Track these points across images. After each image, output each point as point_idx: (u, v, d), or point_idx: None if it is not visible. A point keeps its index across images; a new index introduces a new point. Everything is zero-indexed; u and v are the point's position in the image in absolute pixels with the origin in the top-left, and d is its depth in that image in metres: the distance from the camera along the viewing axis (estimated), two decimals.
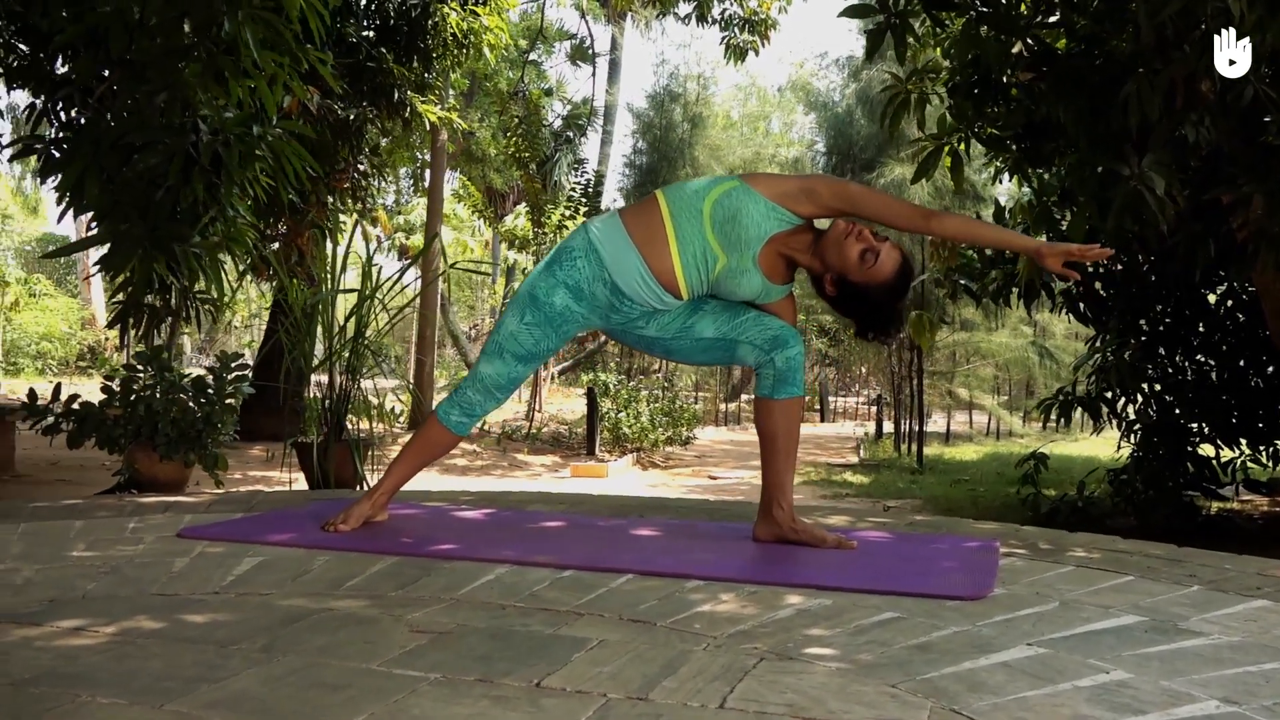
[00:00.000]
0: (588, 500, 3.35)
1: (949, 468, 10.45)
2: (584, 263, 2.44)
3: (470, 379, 2.59)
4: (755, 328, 2.47)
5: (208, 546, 2.35)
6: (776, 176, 2.51)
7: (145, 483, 4.06)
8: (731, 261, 2.40)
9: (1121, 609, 1.85)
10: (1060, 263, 2.35)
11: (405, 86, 7.60)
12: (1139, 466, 6.37)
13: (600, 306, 2.47)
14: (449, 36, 7.76)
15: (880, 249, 2.36)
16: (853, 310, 2.48)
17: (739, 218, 2.37)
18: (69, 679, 1.39)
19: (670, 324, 2.52)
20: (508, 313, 2.55)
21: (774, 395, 2.46)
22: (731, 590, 1.97)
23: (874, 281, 2.37)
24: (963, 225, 2.75)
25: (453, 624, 1.70)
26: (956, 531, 2.78)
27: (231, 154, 3.84)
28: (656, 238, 2.39)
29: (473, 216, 18.74)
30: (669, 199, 2.44)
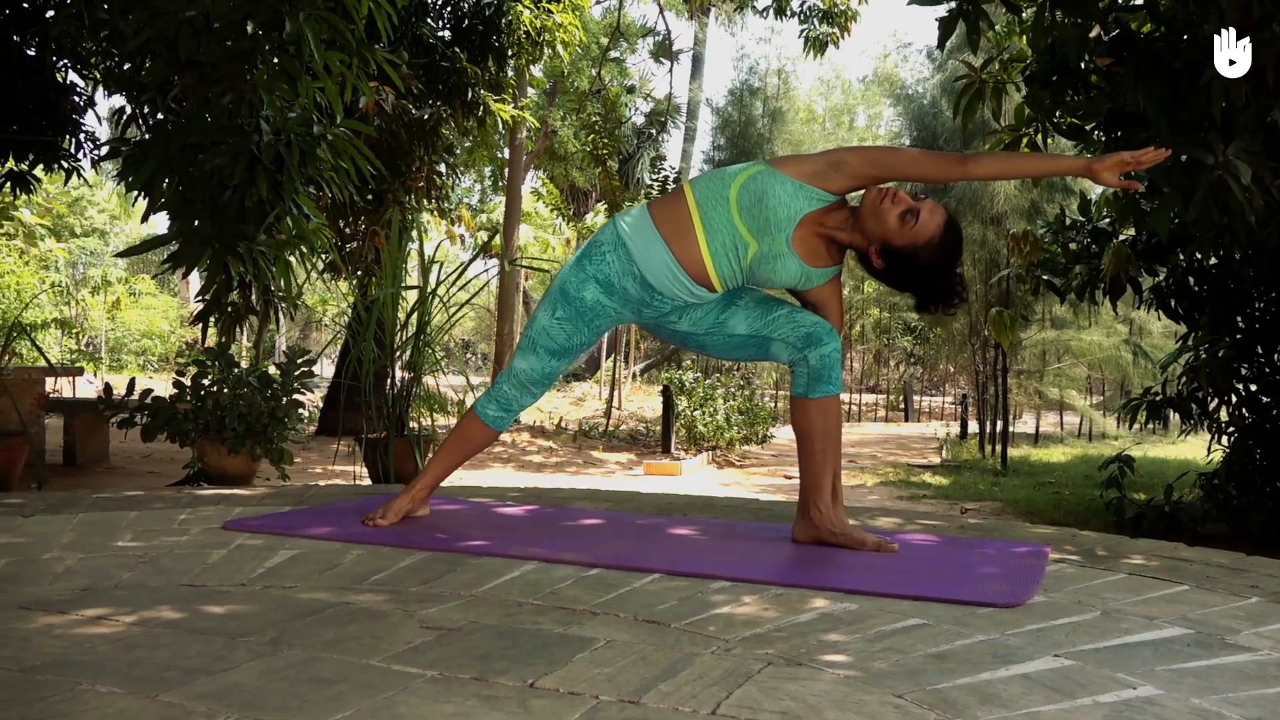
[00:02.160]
0: (634, 498, 3.32)
1: (1034, 470, 10.13)
2: (613, 257, 2.41)
3: (506, 374, 2.58)
4: (788, 325, 2.40)
5: (248, 539, 2.38)
6: (803, 155, 2.43)
7: (215, 475, 4.16)
8: (763, 247, 2.33)
9: (1167, 620, 1.75)
10: (1117, 175, 2.23)
11: (479, 85, 7.67)
12: (1232, 470, 6.07)
13: (632, 301, 2.44)
14: (522, 35, 7.80)
15: (920, 207, 2.27)
16: (906, 280, 2.38)
17: (765, 200, 2.30)
18: (76, 667, 1.41)
19: (703, 319, 2.47)
20: (540, 308, 2.53)
21: (809, 394, 2.39)
22: (756, 592, 1.92)
23: (920, 242, 2.28)
24: (1002, 162, 2.60)
25: (464, 621, 1.69)
26: (1008, 536, 2.67)
27: (292, 153, 3.92)
28: (684, 229, 2.34)
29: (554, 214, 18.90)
30: (695, 189, 2.39)
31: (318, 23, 3.85)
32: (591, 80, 15.99)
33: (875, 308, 17.46)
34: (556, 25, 7.95)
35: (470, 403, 2.78)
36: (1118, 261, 6.22)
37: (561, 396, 17.71)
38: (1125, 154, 2.23)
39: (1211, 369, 6.17)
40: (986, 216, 10.51)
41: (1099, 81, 4.78)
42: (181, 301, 22.00)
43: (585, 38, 9.35)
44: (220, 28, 3.74)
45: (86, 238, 25.23)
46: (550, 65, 9.77)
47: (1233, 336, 6.38)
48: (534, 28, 7.81)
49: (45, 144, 6.68)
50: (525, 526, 2.61)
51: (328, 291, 14.03)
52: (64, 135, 6.79)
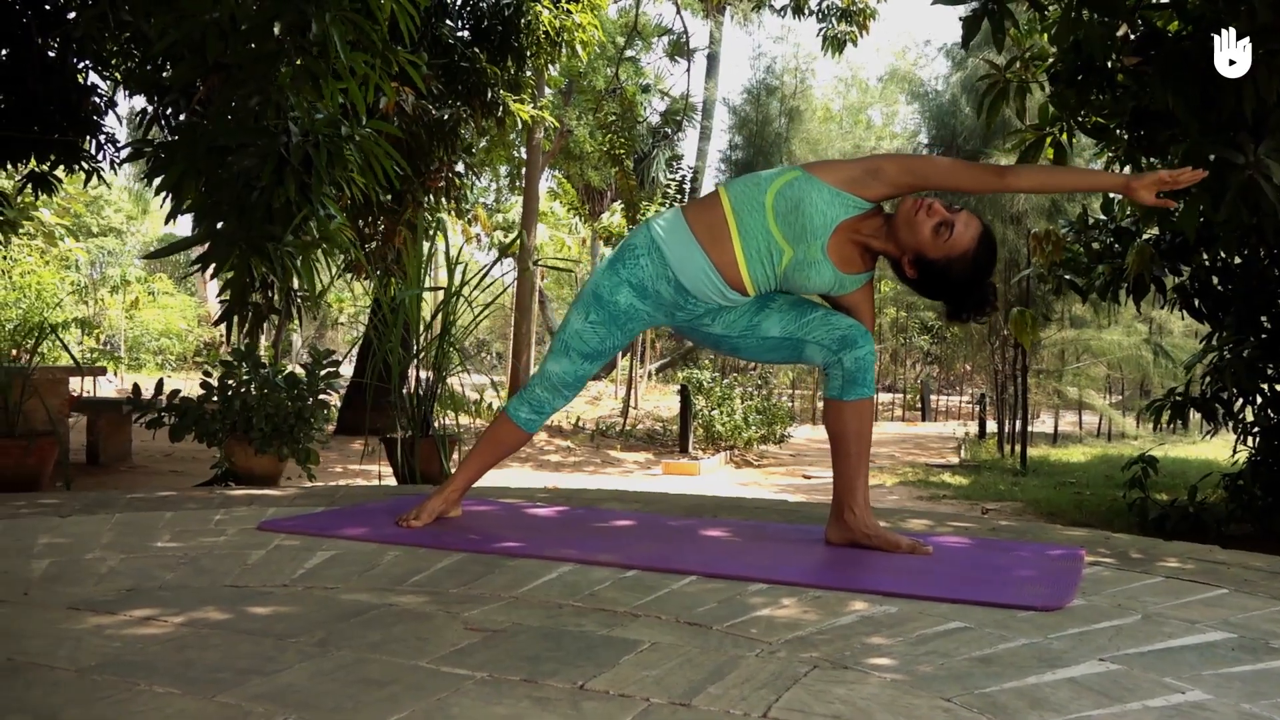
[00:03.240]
0: (663, 499, 3.33)
1: (1054, 470, 10.09)
2: (647, 260, 2.42)
3: (538, 377, 2.59)
4: (823, 327, 2.41)
5: (284, 539, 2.40)
6: (840, 162, 2.42)
7: (242, 475, 4.19)
8: (798, 254, 2.33)
9: (1209, 624, 1.75)
10: (1153, 193, 2.23)
11: (498, 85, 7.69)
12: (1258, 471, 6.03)
13: (665, 304, 2.44)
14: (541, 35, 7.82)
15: (955, 220, 2.27)
16: (938, 290, 2.38)
17: (802, 207, 2.30)
18: (130, 668, 1.43)
19: (736, 322, 2.47)
20: (572, 311, 2.54)
21: (843, 396, 2.40)
22: (795, 594, 1.93)
23: (954, 255, 2.27)
24: (1040, 175, 2.60)
25: (508, 622, 1.70)
26: (1042, 538, 2.67)
27: (320, 154, 3.94)
28: (719, 233, 2.35)
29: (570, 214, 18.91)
30: (731, 193, 2.39)
31: (344, 24, 3.87)
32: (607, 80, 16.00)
33: (892, 307, 17.41)
34: (575, 25, 7.96)
35: (491, 402, 2.78)
36: (1142, 261, 6.19)
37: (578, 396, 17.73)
38: (1163, 173, 2.23)
39: (1237, 369, 6.14)
40: (1007, 215, 10.48)
41: (1125, 80, 4.76)
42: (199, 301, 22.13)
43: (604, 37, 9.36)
44: (247, 29, 3.75)
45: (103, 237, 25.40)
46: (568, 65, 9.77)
47: (1257, 336, 6.35)
48: (553, 28, 7.82)
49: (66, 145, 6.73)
50: (557, 528, 2.62)
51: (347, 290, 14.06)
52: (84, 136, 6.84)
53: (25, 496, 3.18)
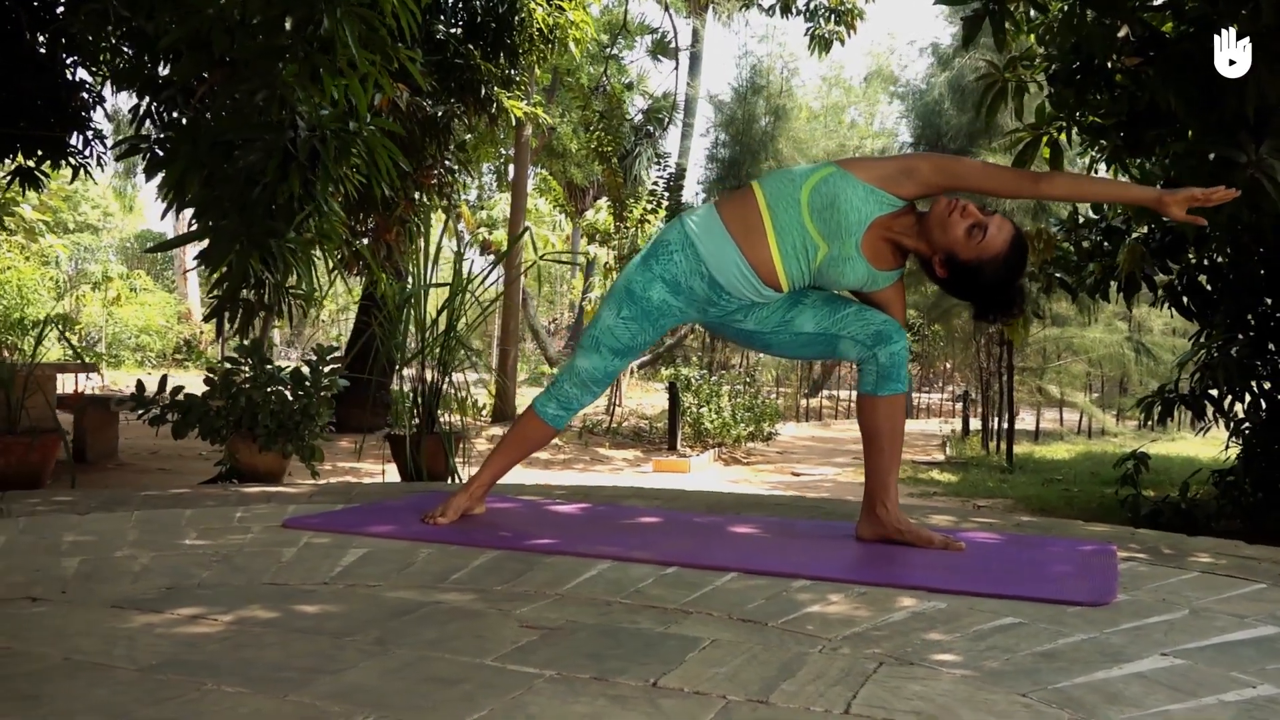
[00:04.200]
0: (682, 496, 3.33)
1: (1040, 467, 10.17)
2: (680, 256, 2.41)
3: (567, 373, 2.58)
4: (857, 323, 2.40)
5: (313, 537, 2.38)
6: (874, 159, 2.43)
7: (245, 472, 4.15)
8: (833, 250, 2.33)
9: (1258, 619, 1.76)
10: (1184, 209, 2.25)
11: (492, 83, 7.65)
12: (1248, 468, 6.10)
13: (698, 300, 2.43)
14: (535, 32, 7.79)
15: (988, 223, 2.27)
16: (968, 291, 2.38)
17: (838, 204, 2.30)
18: (191, 666, 1.40)
19: (769, 318, 2.47)
20: (604, 307, 2.53)
21: (877, 392, 2.40)
22: (840, 591, 1.92)
23: (985, 257, 2.28)
24: (1074, 184, 2.61)
25: (561, 620, 1.69)
26: (1067, 534, 2.68)
27: (328, 150, 3.90)
28: (754, 229, 2.34)
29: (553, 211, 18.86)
30: (765, 189, 2.38)
31: (353, 19, 3.84)
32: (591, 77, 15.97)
33: None
34: (569, 23, 7.93)
35: (477, 399, 2.77)
36: (1133, 259, 6.24)
37: None
38: (1196, 190, 2.26)
39: (1227, 367, 6.21)
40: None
41: (1123, 81, 4.79)
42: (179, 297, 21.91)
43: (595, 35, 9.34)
44: (258, 24, 3.71)
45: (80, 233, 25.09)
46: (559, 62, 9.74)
47: (1246, 334, 6.42)
48: (546, 25, 7.79)
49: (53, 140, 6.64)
50: (584, 525, 2.61)
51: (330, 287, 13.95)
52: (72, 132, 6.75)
53: (37, 494, 3.13)
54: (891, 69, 16.38)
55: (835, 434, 14.56)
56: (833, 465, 10.38)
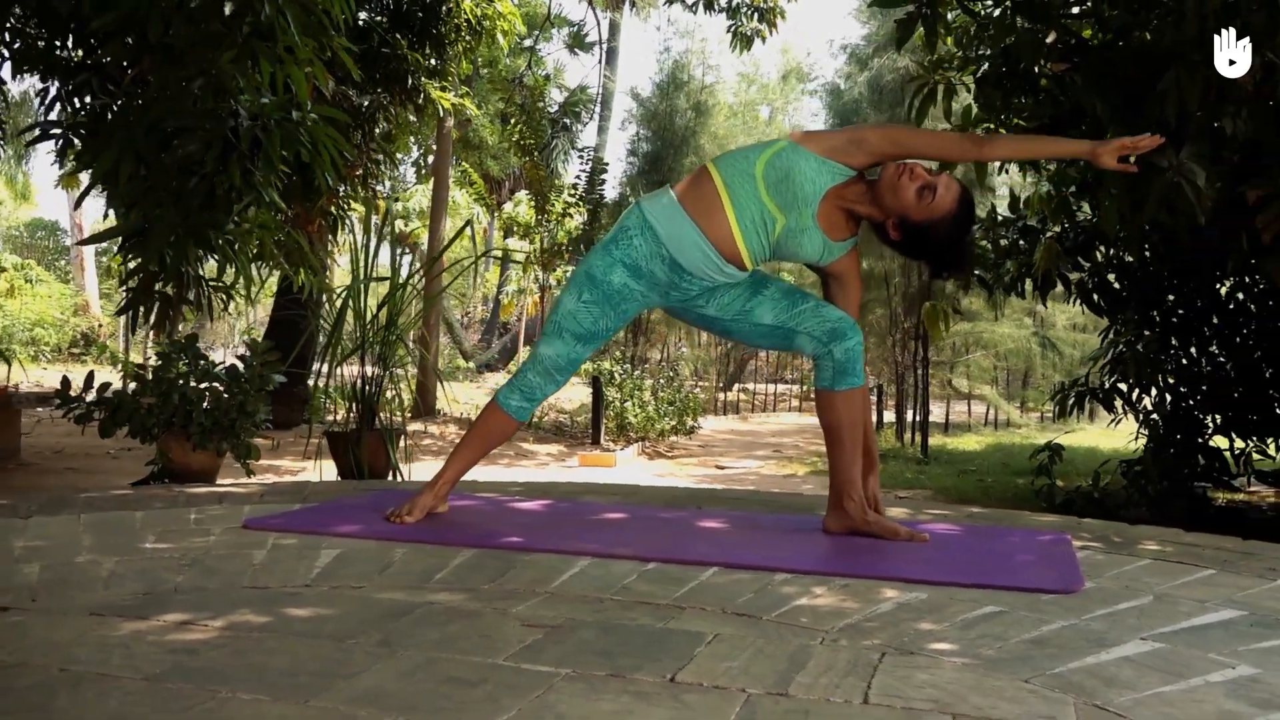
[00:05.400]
0: (639, 491, 3.35)
1: (954, 458, 10.47)
2: (640, 240, 2.43)
3: (530, 362, 2.57)
4: (814, 319, 2.45)
5: (279, 538, 2.33)
6: (824, 132, 2.48)
7: (178, 472, 4.03)
8: (791, 221, 2.38)
9: (1217, 604, 1.86)
10: (1115, 158, 2.36)
11: (419, 73, 7.54)
12: (1155, 458, 6.39)
13: (659, 284, 2.46)
14: (463, 23, 7.70)
15: (937, 183, 2.35)
16: (921, 251, 2.46)
17: (792, 176, 2.36)
18: (198, 674, 1.37)
19: (730, 304, 2.50)
20: (565, 293, 2.54)
21: (834, 387, 2.45)
22: (823, 584, 1.97)
23: (936, 217, 2.35)
24: (1014, 144, 2.69)
25: (560, 618, 1.69)
26: (1018, 524, 2.79)
27: (273, 140, 3.81)
28: (712, 208, 2.38)
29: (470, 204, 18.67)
30: (720, 168, 2.42)
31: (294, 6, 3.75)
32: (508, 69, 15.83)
33: None
34: (497, 14, 7.86)
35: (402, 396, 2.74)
36: (1049, 257, 6.48)
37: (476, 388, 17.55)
38: (1125, 139, 2.36)
39: (1136, 361, 6.50)
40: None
41: (1048, 85, 4.97)
42: (75, 289, 21.03)
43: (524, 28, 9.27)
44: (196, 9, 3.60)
45: None
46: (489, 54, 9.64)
47: (1153, 330, 6.73)
48: (474, 16, 7.71)
49: None
50: (553, 522, 2.61)
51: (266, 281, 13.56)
52: None
53: None
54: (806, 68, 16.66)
55: (754, 427, 14.75)
56: (754, 458, 10.52)
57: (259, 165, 3.95)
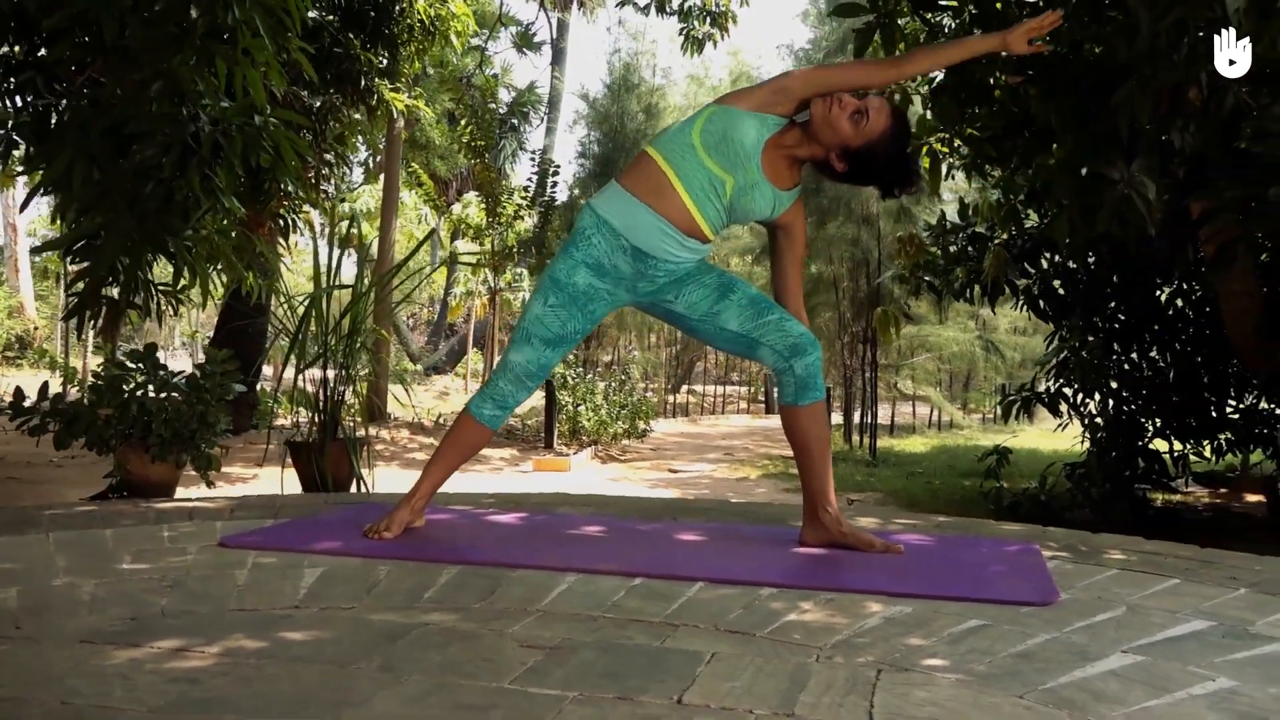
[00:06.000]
0: (612, 502, 3.37)
1: (901, 460, 10.64)
2: (599, 238, 2.45)
3: (500, 370, 2.58)
4: (776, 332, 2.49)
5: (258, 557, 2.30)
6: (748, 89, 2.51)
7: (136, 484, 3.95)
8: (739, 180, 2.41)
9: (1187, 614, 1.93)
10: (1025, 42, 2.47)
11: (373, 74, 7.47)
12: (1100, 462, 6.57)
13: (625, 278, 2.48)
14: (416, 23, 7.65)
15: (868, 106, 2.39)
16: (868, 175, 2.48)
17: (729, 135, 2.39)
18: (206, 704, 1.36)
19: (698, 304, 2.52)
20: (532, 298, 2.55)
21: (798, 402, 2.50)
22: (808, 598, 2.00)
23: (874, 137, 2.39)
24: (929, 56, 2.70)
25: (557, 638, 1.71)
26: (985, 533, 2.86)
27: (234, 145, 3.75)
28: (661, 186, 2.40)
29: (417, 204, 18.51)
30: (658, 147, 2.45)
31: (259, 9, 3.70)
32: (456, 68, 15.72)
33: None
34: (451, 15, 7.82)
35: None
36: (998, 264, 6.63)
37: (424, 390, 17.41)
38: (1031, 22, 2.48)
39: (1083, 367, 6.68)
40: (858, 217, 10.97)
41: (1002, 96, 5.08)
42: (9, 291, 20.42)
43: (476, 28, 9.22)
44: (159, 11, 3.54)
45: None
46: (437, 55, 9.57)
47: (1097, 336, 6.91)
48: (428, 17, 7.66)
49: None
50: (531, 536, 2.61)
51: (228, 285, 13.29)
52: None
53: None
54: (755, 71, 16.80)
55: (704, 429, 14.84)
56: (706, 461, 10.59)
57: (219, 171, 3.90)
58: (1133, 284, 6.68)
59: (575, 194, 12.57)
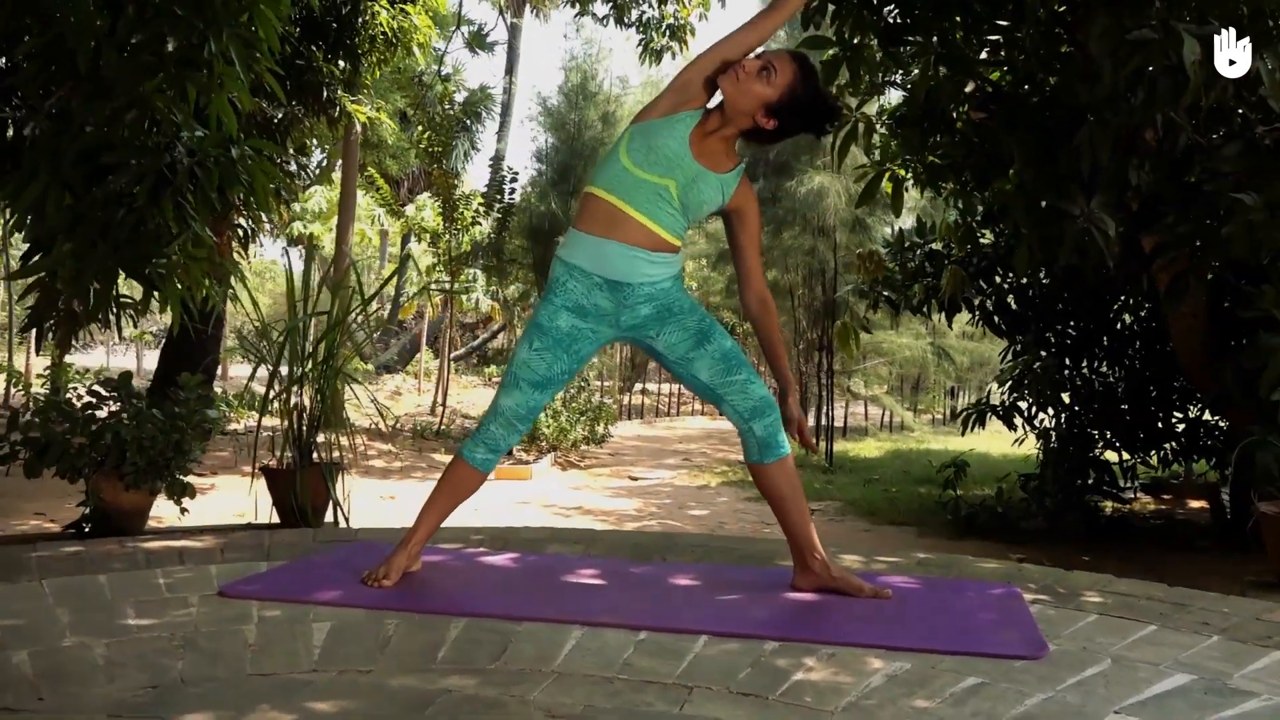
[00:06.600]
0: (598, 538, 3.42)
1: (857, 466, 10.83)
2: (574, 282, 2.52)
3: (491, 414, 2.62)
4: (739, 394, 2.57)
5: (263, 609, 2.32)
6: (653, 102, 2.59)
7: (109, 512, 3.91)
8: (679, 178, 2.47)
9: (1169, 667, 2.04)
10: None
11: (335, 85, 7.42)
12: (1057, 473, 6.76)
13: (607, 314, 2.54)
14: (379, 35, 7.60)
15: (769, 62, 2.47)
16: (797, 122, 2.53)
17: (653, 143, 2.47)
18: None
19: (676, 346, 2.58)
20: (519, 344, 2.62)
21: (762, 460, 2.59)
22: (810, 653, 2.08)
23: (788, 85, 2.46)
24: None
25: (579, 705, 1.76)
26: (964, 572, 2.96)
27: (210, 177, 3.73)
28: (614, 216, 2.48)
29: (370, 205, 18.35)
30: (597, 182, 2.53)
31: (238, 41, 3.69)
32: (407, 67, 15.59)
33: None
34: (414, 27, 7.79)
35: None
36: (955, 282, 6.80)
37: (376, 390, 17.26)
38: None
39: (1038, 382, 6.88)
40: (814, 228, 11.13)
41: (964, 128, 5.22)
42: None
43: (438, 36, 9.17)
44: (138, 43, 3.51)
45: None
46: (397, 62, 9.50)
47: (1049, 352, 7.12)
48: (391, 29, 7.62)
49: None
50: (529, 583, 2.65)
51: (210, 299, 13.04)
52: None
53: None
54: None
55: (660, 432, 14.94)
56: (665, 468, 10.68)
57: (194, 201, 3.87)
58: (1084, 301, 6.89)
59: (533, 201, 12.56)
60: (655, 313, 2.56)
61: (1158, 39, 3.70)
